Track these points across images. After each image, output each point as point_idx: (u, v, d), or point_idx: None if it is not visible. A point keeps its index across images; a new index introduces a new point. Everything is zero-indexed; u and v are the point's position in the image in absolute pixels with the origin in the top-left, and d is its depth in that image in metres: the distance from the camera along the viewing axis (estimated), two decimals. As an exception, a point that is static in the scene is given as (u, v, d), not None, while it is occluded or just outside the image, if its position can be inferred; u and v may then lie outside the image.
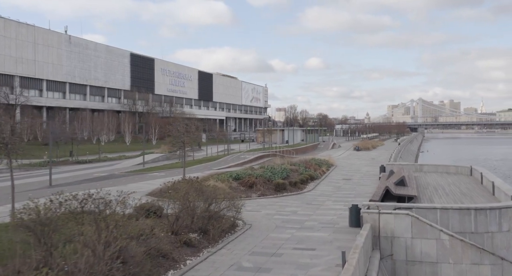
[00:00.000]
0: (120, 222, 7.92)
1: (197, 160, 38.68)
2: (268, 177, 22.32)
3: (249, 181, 20.69)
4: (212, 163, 35.12)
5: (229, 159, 36.83)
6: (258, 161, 36.55)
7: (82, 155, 48.82)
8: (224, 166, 32.74)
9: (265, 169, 24.64)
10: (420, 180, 23.28)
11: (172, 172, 29.78)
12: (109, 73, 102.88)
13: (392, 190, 16.38)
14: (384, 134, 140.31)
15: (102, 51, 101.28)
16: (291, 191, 21.57)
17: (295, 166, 28.42)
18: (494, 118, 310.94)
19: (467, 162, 78.24)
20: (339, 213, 15.89)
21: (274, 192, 20.80)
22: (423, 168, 28.36)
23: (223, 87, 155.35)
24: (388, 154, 55.86)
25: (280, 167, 25.39)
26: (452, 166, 27.75)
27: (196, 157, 45.20)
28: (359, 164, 38.60)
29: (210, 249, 11.45)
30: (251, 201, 18.71)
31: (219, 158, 39.26)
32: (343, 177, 28.07)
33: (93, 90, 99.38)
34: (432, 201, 16.70)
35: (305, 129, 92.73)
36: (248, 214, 15.40)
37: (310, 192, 21.79)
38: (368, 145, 67.03)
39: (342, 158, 46.71)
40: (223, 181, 20.34)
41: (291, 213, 16.11)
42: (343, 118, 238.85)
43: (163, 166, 34.85)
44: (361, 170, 32.85)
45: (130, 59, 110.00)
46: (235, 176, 21.49)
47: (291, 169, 26.64)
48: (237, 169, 25.87)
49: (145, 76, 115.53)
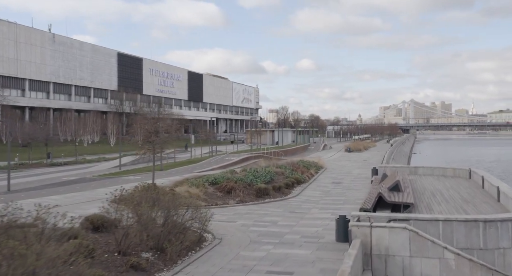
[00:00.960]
0: (20, 249, 5.78)
1: (179, 162, 36.46)
2: (249, 181, 20.24)
3: (227, 186, 18.56)
4: (194, 166, 32.98)
5: (213, 161, 34.67)
6: (243, 163, 34.48)
7: (58, 158, 46.39)
8: (207, 169, 30.63)
9: (247, 172, 22.57)
10: (415, 184, 21.33)
11: (148, 176, 27.58)
12: (95, 73, 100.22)
13: (385, 197, 14.39)
14: (376, 135, 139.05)
15: (88, 50, 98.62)
16: (274, 196, 19.50)
17: (281, 169, 26.38)
18: (485, 120, 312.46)
19: (460, 164, 76.95)
20: (325, 224, 13.86)
21: (255, 198, 18.71)
22: (418, 170, 26.44)
23: (214, 87, 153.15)
24: (380, 155, 54.08)
25: (264, 170, 23.32)
26: (450, 168, 25.85)
27: (180, 159, 43.06)
28: (350, 166, 36.69)
29: (165, 273, 9.32)
30: (228, 209, 16.63)
31: (203, 160, 37.09)
32: (332, 181, 26.07)
33: (78, 90, 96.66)
34: (431, 209, 14.73)
35: (295, 130, 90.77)
36: (220, 226, 13.31)
37: (295, 198, 19.74)
38: (359, 146, 65.26)
39: (332, 159, 44.80)
40: (198, 186, 18.22)
41: (271, 224, 14.03)
42: (335, 119, 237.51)
43: (141, 169, 32.63)
44: (352, 173, 30.90)
45: (117, 58, 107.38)
46: (212, 180, 19.37)
47: (276, 172, 24.60)
48: (218, 172, 23.77)
49: (133, 76, 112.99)
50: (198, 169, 30.28)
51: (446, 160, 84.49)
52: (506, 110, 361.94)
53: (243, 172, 22.99)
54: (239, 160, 34.82)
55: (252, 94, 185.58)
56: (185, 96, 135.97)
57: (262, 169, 23.83)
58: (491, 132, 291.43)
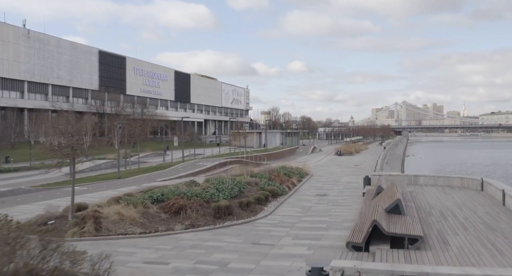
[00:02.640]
0: None
1: (143, 168, 31.93)
2: (209, 196, 15.91)
3: (175, 204, 14.14)
4: (160, 173, 28.55)
5: (181, 168, 30.23)
6: (217, 169, 30.14)
7: (22, 162, 41.81)
8: (172, 177, 26.24)
9: (210, 183, 18.22)
10: (418, 200, 17.16)
11: (100, 186, 23.17)
12: (74, 72, 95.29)
13: (383, 227, 10.12)
14: (368, 137, 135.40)
15: (67, 47, 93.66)
16: (239, 217, 15.16)
17: (256, 178, 22.10)
18: (477, 122, 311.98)
19: (456, 168, 73.31)
20: (297, 267, 9.54)
21: (212, 220, 14.35)
22: (419, 180, 22.26)
23: (202, 88, 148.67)
24: (373, 159, 50.01)
25: (232, 181, 18.98)
26: (457, 177, 21.68)
27: (151, 164, 38.66)
28: (339, 173, 32.49)
29: None
30: (169, 238, 12.25)
31: (174, 165, 32.63)
32: (316, 192, 21.77)
33: (56, 89, 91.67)
34: (446, 243, 10.50)
35: (284, 132, 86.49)
36: (142, 270, 8.97)
37: (266, 218, 15.39)
38: (351, 149, 61.19)
39: (320, 164, 40.59)
40: (136, 205, 13.83)
41: (218, 268, 9.64)
42: (327, 121, 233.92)
43: (96, 177, 28.08)
44: (341, 181, 26.67)
45: (99, 57, 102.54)
46: (157, 196, 14.97)
47: (249, 183, 20.29)
48: (181, 182, 19.34)
49: (115, 75, 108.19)
50: (162, 177, 25.87)
51: (440, 164, 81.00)
52: (498, 112, 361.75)
53: (206, 183, 18.62)
54: (213, 166, 30.45)
55: (242, 95, 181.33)
56: (171, 96, 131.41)
57: (231, 179, 19.50)
58: (483, 134, 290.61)
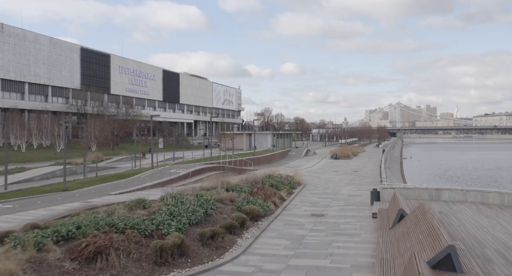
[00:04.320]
0: None
1: (103, 177, 26.53)
2: (153, 227, 10.81)
3: (89, 246, 8.99)
4: (120, 183, 23.32)
5: (149, 176, 24.92)
6: (192, 178, 25.02)
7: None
8: (133, 188, 21.07)
9: (164, 203, 13.09)
10: (453, 227, 12.22)
11: (32, 202, 17.95)
12: (53, 69, 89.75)
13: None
14: (363, 139, 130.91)
15: (45, 43, 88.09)
16: (196, 259, 10.06)
17: (234, 192, 17.04)
18: (471, 123, 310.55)
19: (457, 172, 68.48)
20: None
21: (151, 268, 9.22)
22: (443, 194, 17.27)
23: (192, 88, 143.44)
24: (372, 163, 45.15)
25: (197, 199, 13.88)
26: (493, 192, 16.67)
27: (120, 170, 33.46)
28: (337, 181, 27.50)
29: None
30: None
31: (141, 172, 27.36)
32: (311, 211, 16.69)
33: (33, 88, 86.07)
34: None
35: (276, 133, 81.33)
36: None
37: (235, 261, 10.26)
38: (348, 152, 56.29)
39: (315, 170, 35.59)
40: (26, 247, 8.66)
41: None
42: (320, 123, 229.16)
43: (34, 189, 22.45)
44: (341, 193, 21.67)
45: (81, 54, 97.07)
46: (68, 231, 9.78)
47: (222, 200, 15.22)
48: (131, 199, 14.12)
49: (99, 73, 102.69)
50: (120, 189, 20.67)
51: (440, 167, 76.69)
52: (492, 114, 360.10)
53: (160, 202, 13.48)
54: (188, 173, 25.22)
55: (234, 96, 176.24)
56: (159, 96, 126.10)
57: (197, 196, 14.39)
58: (477, 136, 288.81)
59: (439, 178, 60.66)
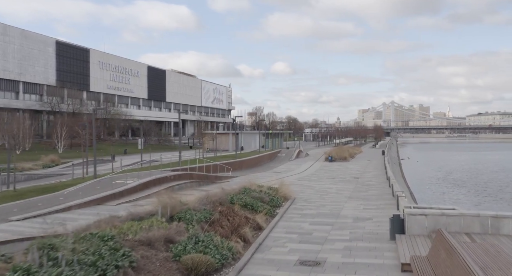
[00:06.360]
0: None
1: (23, 190, 19.89)
2: None
3: None
4: (41, 199, 17.03)
5: (85, 189, 18.60)
6: (147, 190, 18.84)
7: None
8: (50, 210, 14.84)
9: (22, 260, 6.93)
10: None
11: None
12: (25, 64, 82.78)
13: None
14: (358, 139, 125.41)
15: (15, 36, 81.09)
16: None
17: (180, 222, 10.88)
18: (464, 122, 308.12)
19: (462, 175, 62.23)
20: None
21: None
22: (503, 225, 11.16)
23: (179, 85, 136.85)
24: (373, 166, 39.22)
25: (97, 247, 7.72)
26: None
27: (69, 176, 27.15)
28: (336, 194, 21.45)
29: None
30: None
31: (81, 183, 21.04)
32: (299, 255, 10.53)
33: (2, 83, 79.16)
34: None
35: (265, 133, 75.23)
36: None
37: None
38: (344, 153, 50.38)
39: (307, 177, 29.54)
40: None
41: None
42: (313, 122, 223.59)
43: None
44: (344, 216, 15.61)
45: (56, 48, 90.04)
46: None
47: (153, 242, 9.07)
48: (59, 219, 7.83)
49: (77, 69, 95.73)
50: (30, 211, 14.46)
51: (441, 169, 71.62)
52: (485, 113, 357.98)
53: (25, 254, 7.37)
54: (140, 185, 19.05)
55: (224, 94, 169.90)
56: (144, 94, 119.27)
57: (99, 242, 8.22)
58: (471, 135, 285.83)
59: (443, 181, 55.19)
